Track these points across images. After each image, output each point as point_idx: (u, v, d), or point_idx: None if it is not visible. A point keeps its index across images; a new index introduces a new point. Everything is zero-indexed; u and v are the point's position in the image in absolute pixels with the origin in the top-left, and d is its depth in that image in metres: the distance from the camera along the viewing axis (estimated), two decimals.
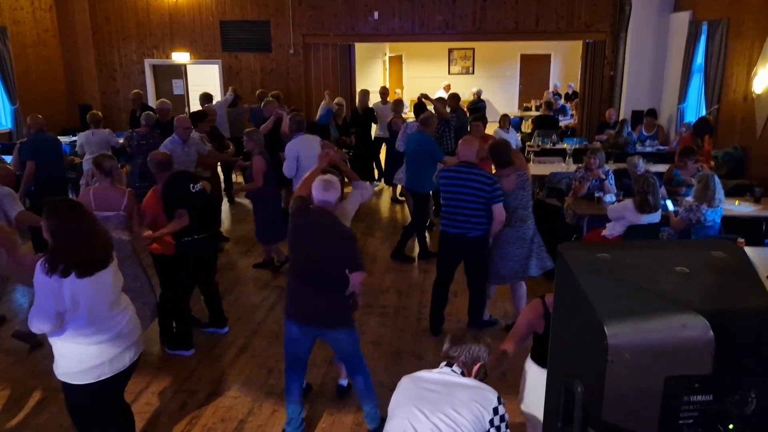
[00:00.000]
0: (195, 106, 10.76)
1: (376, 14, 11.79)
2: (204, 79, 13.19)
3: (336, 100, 9.20)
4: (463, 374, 2.58)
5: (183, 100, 12.87)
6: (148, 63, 12.64)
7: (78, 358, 3.07)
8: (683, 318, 1.05)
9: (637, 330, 1.05)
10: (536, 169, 8.82)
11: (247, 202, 8.85)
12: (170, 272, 4.93)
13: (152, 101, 12.77)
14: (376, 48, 15.33)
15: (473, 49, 18.57)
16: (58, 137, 7.97)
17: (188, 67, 12.82)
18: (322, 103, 10.04)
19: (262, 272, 6.79)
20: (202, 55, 12.41)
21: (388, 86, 15.91)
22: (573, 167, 8.38)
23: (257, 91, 10.70)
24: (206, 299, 5.34)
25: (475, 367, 2.61)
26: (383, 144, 10.49)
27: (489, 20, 11.68)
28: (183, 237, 4.78)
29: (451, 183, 4.90)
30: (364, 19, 11.87)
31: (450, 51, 18.70)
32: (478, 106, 12.62)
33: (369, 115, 10.15)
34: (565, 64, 18.41)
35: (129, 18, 12.38)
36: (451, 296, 5.48)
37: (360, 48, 13.08)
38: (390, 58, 17.51)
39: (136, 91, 9.94)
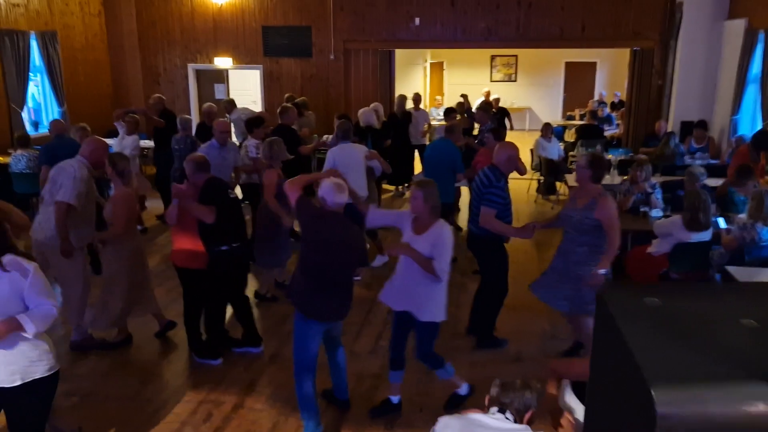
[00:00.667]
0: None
1: (417, 21, 11.66)
2: (245, 84, 13.29)
3: (372, 105, 9.03)
4: (515, 421, 2.56)
5: None
6: (191, 67, 12.79)
7: (49, 343, 3.15)
8: (752, 389, 0.87)
9: (693, 398, 0.87)
10: None
11: None
12: (201, 284, 4.79)
13: (194, 105, 12.94)
14: (416, 54, 15.21)
15: (516, 56, 18.27)
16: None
17: (230, 71, 12.93)
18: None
19: None
20: (244, 60, 12.50)
21: (428, 93, 15.83)
22: (618, 179, 8.09)
23: (286, 95, 10.62)
24: (237, 314, 5.13)
25: (527, 415, 2.58)
26: (415, 150, 10.42)
27: (533, 27, 11.42)
28: (218, 246, 4.64)
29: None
30: (406, 26, 11.76)
31: (492, 58, 18.44)
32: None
33: (407, 119, 10.04)
34: (611, 72, 17.93)
35: (174, 23, 12.56)
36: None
37: (400, 54, 12.97)
38: (431, 64, 17.35)
39: (156, 95, 9.39)
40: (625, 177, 7.22)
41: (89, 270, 5.24)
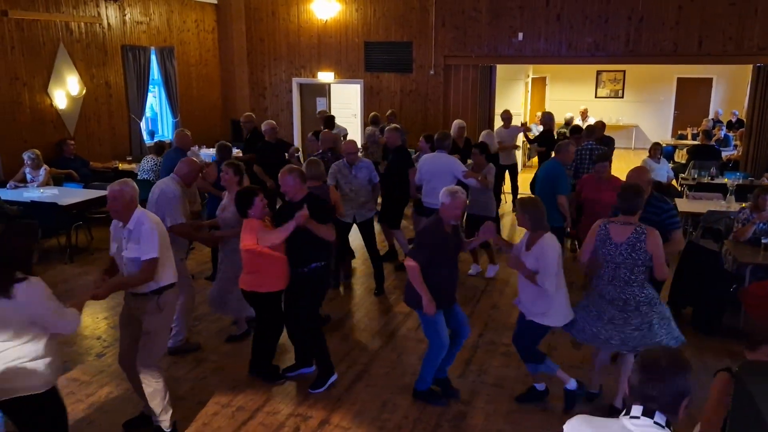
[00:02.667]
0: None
1: (520, 35, 11.41)
2: (346, 98, 13.54)
3: (456, 123, 8.77)
4: (668, 424, 1.89)
5: None
6: (295, 81, 13.21)
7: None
8: None
9: None
10: (691, 205, 8.01)
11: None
12: (279, 304, 4.72)
13: (297, 118, 13.35)
14: (518, 69, 14.85)
15: (624, 72, 17.49)
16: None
17: (332, 85, 13.23)
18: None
19: (383, 297, 6.68)
20: (345, 74, 12.75)
21: (529, 109, 15.42)
22: (735, 206, 7.51)
23: (388, 112, 10.67)
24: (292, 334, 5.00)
25: (682, 406, 1.92)
26: (506, 171, 10.01)
27: (644, 42, 10.85)
28: (318, 262, 4.60)
29: None
30: (508, 41, 11.54)
31: (598, 73, 17.75)
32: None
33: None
34: (728, 89, 16.76)
35: (281, 40, 13.04)
36: None
37: (501, 69, 12.73)
38: (533, 79, 16.91)
39: (248, 113, 9.77)
40: (744, 204, 6.66)
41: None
